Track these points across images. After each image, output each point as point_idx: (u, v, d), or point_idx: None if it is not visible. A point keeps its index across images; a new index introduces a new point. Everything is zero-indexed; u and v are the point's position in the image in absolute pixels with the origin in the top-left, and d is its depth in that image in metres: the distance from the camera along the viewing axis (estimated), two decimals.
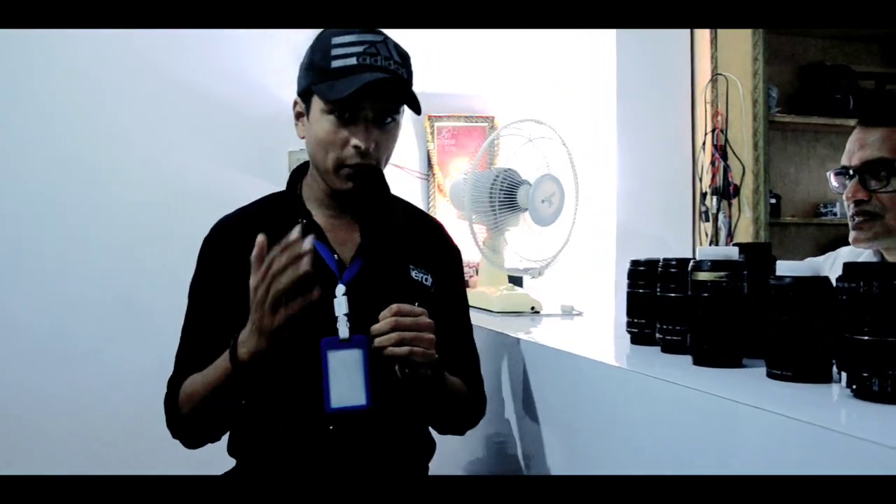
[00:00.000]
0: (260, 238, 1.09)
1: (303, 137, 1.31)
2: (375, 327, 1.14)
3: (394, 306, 1.15)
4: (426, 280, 1.34)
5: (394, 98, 1.25)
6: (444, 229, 1.47)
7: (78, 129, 2.55)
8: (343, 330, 1.20)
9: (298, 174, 1.37)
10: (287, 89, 2.68)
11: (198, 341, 1.27)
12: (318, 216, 1.32)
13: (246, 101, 2.66)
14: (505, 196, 1.90)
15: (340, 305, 1.21)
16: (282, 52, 2.67)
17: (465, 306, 1.45)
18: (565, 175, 1.94)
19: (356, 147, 1.22)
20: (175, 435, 1.29)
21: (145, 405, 2.51)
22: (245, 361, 1.12)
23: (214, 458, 1.36)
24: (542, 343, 1.46)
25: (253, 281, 1.09)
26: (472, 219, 1.92)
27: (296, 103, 1.32)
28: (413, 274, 1.33)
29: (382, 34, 1.26)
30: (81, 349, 2.52)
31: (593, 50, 2.36)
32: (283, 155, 2.62)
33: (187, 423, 1.25)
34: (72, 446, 2.45)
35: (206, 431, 1.27)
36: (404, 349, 1.13)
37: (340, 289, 1.23)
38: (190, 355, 1.28)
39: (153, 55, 2.59)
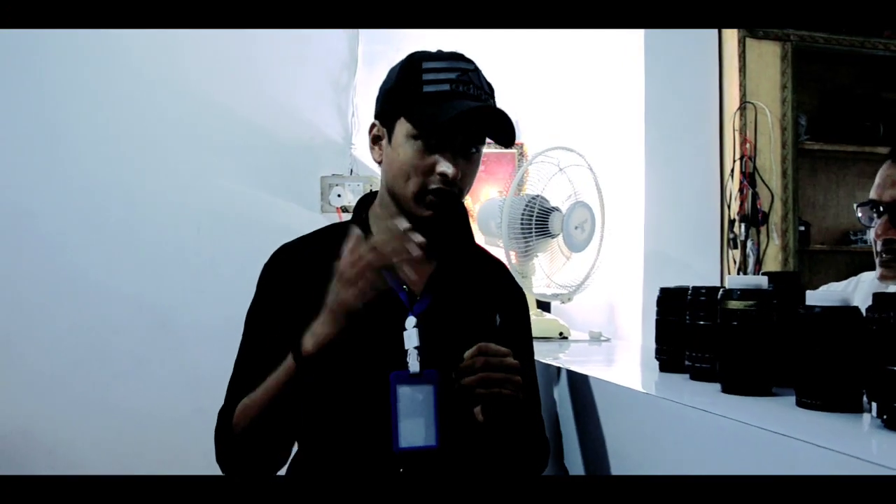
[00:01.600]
0: (356, 231, 1.07)
1: (378, 162, 1.26)
2: (463, 366, 1.08)
3: (481, 345, 1.09)
4: (496, 320, 1.26)
5: (493, 127, 1.20)
6: (508, 270, 1.42)
7: (114, 153, 2.59)
8: (413, 364, 1.13)
9: (364, 204, 1.31)
10: (320, 115, 2.75)
11: (254, 370, 1.18)
12: None
13: (279, 127, 2.70)
14: (538, 223, 1.92)
15: (411, 338, 1.15)
16: (316, 77, 2.72)
17: (530, 350, 1.38)
18: (593, 201, 1.96)
19: (442, 174, 1.16)
20: (226, 466, 1.20)
21: (179, 425, 2.56)
22: (311, 353, 1.06)
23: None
24: (571, 368, 1.46)
25: (350, 258, 1.04)
26: (508, 245, 1.95)
27: (373, 126, 1.25)
28: (483, 312, 1.26)
29: (473, 62, 1.22)
30: (117, 370, 2.55)
31: (622, 77, 2.38)
32: (315, 180, 2.66)
33: (241, 444, 1.16)
34: (107, 467, 2.45)
35: (260, 453, 1.17)
36: (493, 390, 1.08)
37: (411, 321, 1.17)
38: (245, 385, 1.18)
39: (189, 80, 2.64)
